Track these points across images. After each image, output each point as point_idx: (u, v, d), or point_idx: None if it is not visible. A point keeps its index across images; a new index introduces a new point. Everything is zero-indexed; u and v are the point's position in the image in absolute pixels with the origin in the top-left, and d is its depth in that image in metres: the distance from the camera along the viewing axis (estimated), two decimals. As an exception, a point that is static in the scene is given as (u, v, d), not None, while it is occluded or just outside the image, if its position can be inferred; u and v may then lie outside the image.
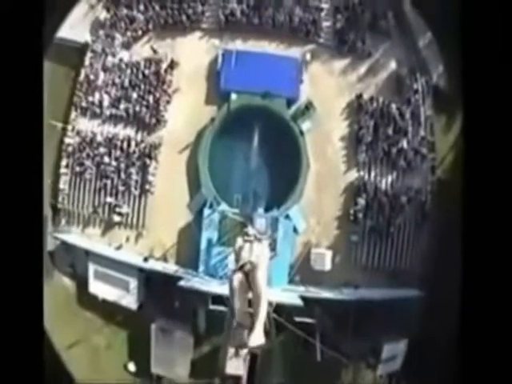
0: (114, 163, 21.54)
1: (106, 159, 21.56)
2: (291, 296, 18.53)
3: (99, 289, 20.46)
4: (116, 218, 21.35)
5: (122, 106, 22.05)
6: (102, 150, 21.70)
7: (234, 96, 21.62)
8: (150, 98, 21.96)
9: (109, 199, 21.48)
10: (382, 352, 19.45)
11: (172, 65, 22.33)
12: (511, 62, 5.95)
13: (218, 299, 17.58)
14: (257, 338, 6.14)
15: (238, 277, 7.08)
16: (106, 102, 22.09)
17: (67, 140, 21.93)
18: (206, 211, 20.35)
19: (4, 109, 5.84)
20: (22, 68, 5.96)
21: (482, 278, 5.78)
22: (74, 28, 21.89)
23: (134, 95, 22.08)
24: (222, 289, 17.34)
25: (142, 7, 22.68)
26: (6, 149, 5.78)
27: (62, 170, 21.78)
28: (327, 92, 22.17)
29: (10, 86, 5.88)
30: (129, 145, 21.77)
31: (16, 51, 5.92)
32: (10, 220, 5.71)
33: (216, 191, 21.18)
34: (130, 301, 20.32)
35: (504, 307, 5.50)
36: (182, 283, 18.99)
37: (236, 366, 6.56)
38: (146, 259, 20.56)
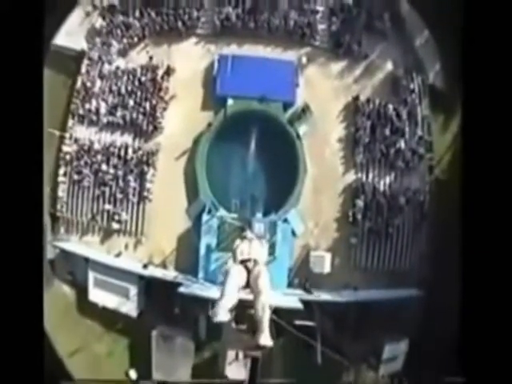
0: (111, 171, 21.56)
1: (104, 167, 21.58)
2: (291, 299, 18.47)
3: (99, 296, 20.44)
4: (115, 226, 21.34)
5: (119, 113, 22.07)
6: (99, 157, 21.74)
7: (230, 101, 21.64)
8: (147, 105, 21.98)
9: (107, 207, 21.48)
10: (383, 353, 19.38)
11: (168, 71, 22.35)
12: (510, 61, 5.98)
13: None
14: (267, 339, 5.97)
15: (239, 268, 6.80)
16: (102, 110, 22.13)
17: (65, 148, 21.95)
18: (205, 217, 20.31)
19: (3, 113, 5.84)
20: (21, 69, 5.96)
21: (480, 276, 5.79)
22: (71, 36, 22.11)
23: (131, 102, 22.10)
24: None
25: (137, 14, 22.74)
26: (6, 158, 5.78)
27: (60, 179, 21.79)
28: (323, 95, 22.15)
29: (9, 89, 5.87)
30: (126, 152, 21.78)
31: (16, 52, 5.92)
32: (10, 229, 5.71)
33: (214, 196, 21.15)
34: (130, 308, 20.28)
35: (503, 306, 5.51)
36: (181, 289, 18.97)
37: (237, 370, 6.47)
38: (145, 266, 20.55)
